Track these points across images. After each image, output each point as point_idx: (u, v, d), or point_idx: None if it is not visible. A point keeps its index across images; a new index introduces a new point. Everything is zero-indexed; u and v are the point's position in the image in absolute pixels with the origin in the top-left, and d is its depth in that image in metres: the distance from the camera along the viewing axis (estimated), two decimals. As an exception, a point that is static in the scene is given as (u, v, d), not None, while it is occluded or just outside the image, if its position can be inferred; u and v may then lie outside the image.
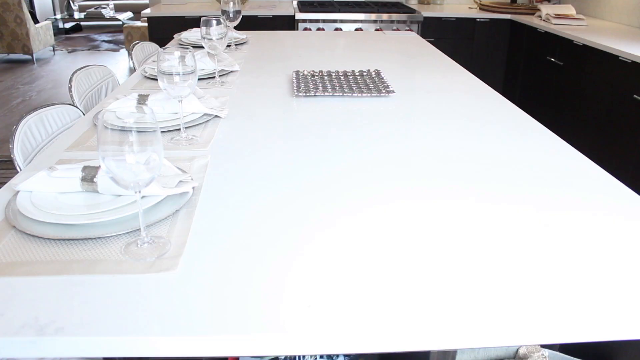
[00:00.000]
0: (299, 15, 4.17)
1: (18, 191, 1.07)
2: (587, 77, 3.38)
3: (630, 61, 2.94)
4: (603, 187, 1.20)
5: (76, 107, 1.88)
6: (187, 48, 1.36)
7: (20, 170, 1.46)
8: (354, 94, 1.84)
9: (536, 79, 4.08)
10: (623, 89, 3.00)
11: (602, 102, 3.22)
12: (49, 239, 0.95)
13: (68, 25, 9.52)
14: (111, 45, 8.44)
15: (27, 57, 7.35)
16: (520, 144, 1.46)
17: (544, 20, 4.06)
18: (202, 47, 1.97)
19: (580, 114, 3.47)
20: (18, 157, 1.52)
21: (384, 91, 1.86)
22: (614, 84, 3.10)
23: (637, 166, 2.90)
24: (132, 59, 2.64)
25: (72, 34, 9.47)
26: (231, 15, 2.41)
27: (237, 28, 2.68)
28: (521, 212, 1.07)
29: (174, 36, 2.93)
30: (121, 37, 8.81)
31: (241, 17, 2.46)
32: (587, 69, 3.39)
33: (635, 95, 2.88)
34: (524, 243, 0.96)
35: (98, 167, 1.09)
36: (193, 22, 4.16)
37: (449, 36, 4.42)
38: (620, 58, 3.02)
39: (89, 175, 1.08)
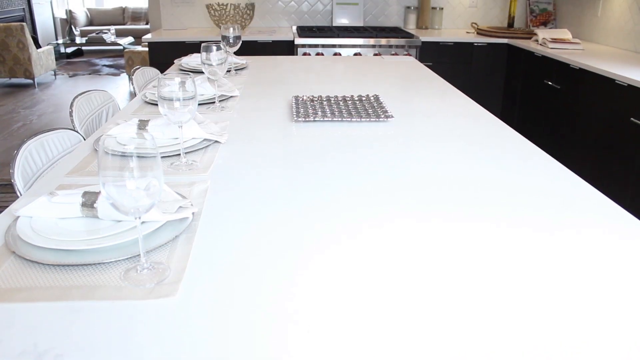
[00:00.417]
0: (298, 41, 4.22)
1: (18, 216, 1.08)
2: (585, 100, 3.41)
3: (626, 84, 2.96)
4: (601, 211, 1.21)
5: (77, 132, 1.89)
6: (188, 73, 1.38)
7: (21, 195, 1.46)
8: (353, 119, 1.85)
9: (534, 102, 4.11)
10: (620, 111, 3.03)
11: (600, 125, 3.24)
12: (48, 264, 0.95)
13: (70, 50, 9.61)
14: (112, 70, 8.50)
15: (29, 81, 7.40)
16: (518, 168, 1.47)
17: (540, 44, 4.10)
18: (203, 73, 1.99)
19: (578, 136, 3.49)
20: (18, 182, 1.53)
21: (382, 116, 1.87)
22: (611, 107, 3.12)
23: (635, 189, 2.91)
24: (132, 84, 2.67)
25: (73, 59, 9.55)
26: (231, 40, 2.44)
27: (237, 53, 2.71)
28: (520, 235, 1.07)
29: (175, 61, 2.96)
30: (122, 61, 8.88)
31: (241, 42, 2.49)
32: (584, 92, 3.42)
33: (632, 118, 2.90)
34: (524, 266, 0.96)
35: (98, 193, 1.09)
36: (193, 47, 4.20)
37: (447, 60, 4.46)
38: (616, 81, 3.05)
39: (89, 201, 1.08)
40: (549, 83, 3.83)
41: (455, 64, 4.48)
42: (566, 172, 1.45)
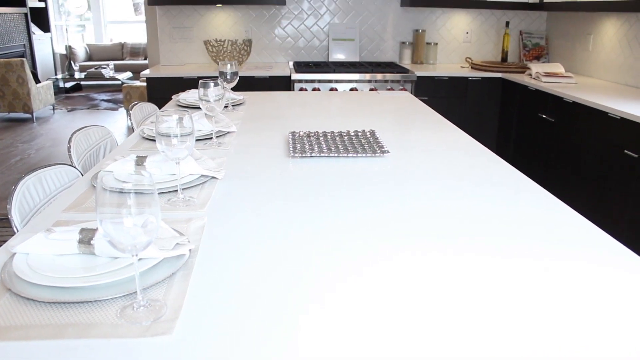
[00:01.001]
0: (295, 76, 4.27)
1: (14, 253, 1.08)
2: (579, 133, 3.44)
3: (619, 117, 3.00)
4: (597, 244, 1.21)
5: (74, 167, 1.90)
6: (185, 109, 1.40)
7: (17, 231, 1.46)
8: (349, 155, 1.87)
9: (529, 135, 4.15)
10: (614, 144, 3.06)
11: (594, 158, 3.27)
12: (44, 302, 0.95)
13: (69, 84, 9.69)
14: (110, 105, 8.57)
15: (27, 115, 7.45)
16: (513, 201, 1.48)
17: (534, 78, 4.16)
18: (200, 108, 2.01)
19: (572, 169, 3.52)
20: (15, 218, 1.53)
21: (378, 151, 1.89)
22: (605, 140, 3.15)
23: (630, 221, 2.92)
24: (130, 119, 2.69)
25: (72, 93, 9.62)
26: (228, 77, 2.47)
27: (234, 89, 2.74)
28: (516, 270, 1.08)
29: (172, 97, 2.99)
30: (120, 96, 8.96)
31: (238, 78, 2.52)
32: (578, 125, 3.45)
33: (626, 151, 2.92)
34: (520, 300, 0.96)
35: (95, 230, 1.09)
36: (191, 82, 4.25)
37: (442, 95, 4.51)
38: (609, 114, 3.09)
39: (86, 238, 1.09)
40: (543, 116, 3.87)
41: (451, 98, 4.53)
42: (561, 205, 1.46)
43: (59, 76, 9.39)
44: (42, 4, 10.15)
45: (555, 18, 4.99)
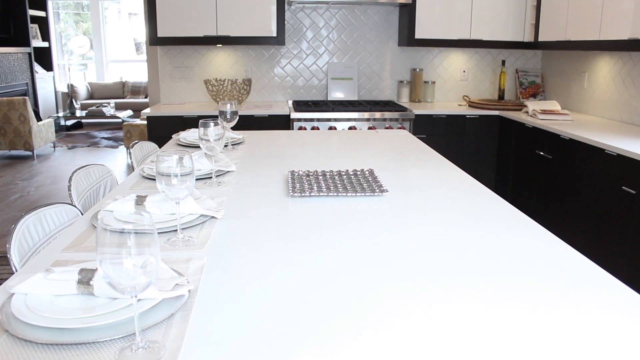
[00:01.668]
0: (294, 115, 4.31)
1: (13, 293, 1.08)
2: (576, 170, 3.46)
3: (616, 154, 3.02)
4: (597, 283, 1.21)
5: (74, 206, 1.90)
6: (185, 148, 1.41)
7: (16, 271, 1.46)
8: (348, 194, 1.88)
9: (527, 172, 4.17)
10: (611, 180, 3.07)
11: (592, 194, 3.28)
12: (42, 343, 0.94)
13: (70, 122, 9.77)
14: (110, 142, 8.62)
15: (28, 153, 7.49)
16: (512, 240, 1.48)
17: (531, 115, 4.20)
18: (200, 147, 2.03)
19: (571, 206, 3.52)
20: (14, 257, 1.53)
21: (377, 190, 1.90)
22: (603, 176, 3.17)
23: (631, 258, 2.91)
24: (130, 157, 2.71)
25: (72, 131, 9.69)
26: (228, 116, 2.49)
27: (234, 128, 2.76)
28: (515, 311, 1.07)
29: (173, 136, 3.01)
30: (120, 134, 9.02)
31: (238, 117, 2.55)
32: (575, 162, 3.48)
33: (624, 187, 2.94)
34: (520, 343, 0.96)
35: (95, 270, 1.09)
36: (191, 121, 4.29)
37: (440, 132, 4.55)
38: (606, 151, 3.11)
39: (86, 278, 1.09)
40: (541, 153, 3.90)
41: (449, 135, 4.57)
42: (560, 243, 1.46)
43: (61, 114, 9.48)
44: (45, 44, 10.32)
45: (550, 56, 5.07)
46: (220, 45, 4.77)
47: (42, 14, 10.18)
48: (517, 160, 4.34)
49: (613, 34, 3.51)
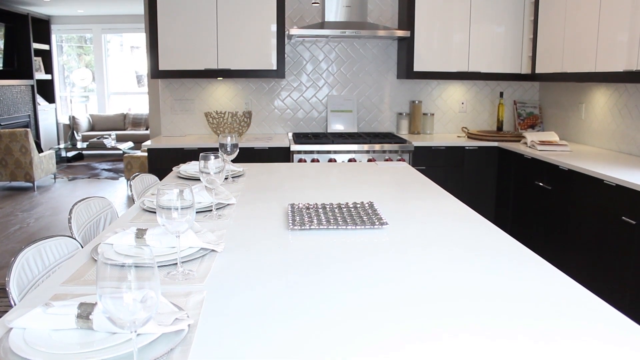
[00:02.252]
0: (294, 147, 4.34)
1: (11, 328, 1.07)
2: (576, 201, 3.47)
3: (615, 184, 3.03)
4: (598, 316, 1.21)
5: (74, 239, 1.90)
6: (186, 181, 1.42)
7: (15, 304, 1.45)
8: (348, 227, 1.88)
9: (527, 203, 4.18)
10: (611, 211, 3.08)
11: (592, 225, 3.28)
12: (40, 380, 0.94)
13: (70, 154, 9.81)
14: (111, 174, 8.64)
15: (29, 184, 7.50)
16: (513, 273, 1.48)
17: (529, 146, 4.23)
18: (200, 180, 2.04)
19: (571, 237, 3.52)
20: (13, 291, 1.52)
21: (377, 223, 1.90)
22: (602, 207, 3.17)
23: (632, 289, 2.90)
24: (131, 190, 2.72)
25: (73, 162, 9.73)
26: (229, 149, 2.51)
27: (234, 160, 2.78)
28: (518, 345, 1.07)
29: (173, 169, 3.03)
30: (121, 165, 9.05)
31: (238, 150, 2.56)
32: (574, 193, 3.49)
33: (623, 217, 2.94)
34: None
35: (94, 304, 1.09)
36: (192, 153, 4.31)
37: (439, 164, 4.57)
38: (605, 182, 3.12)
39: (85, 312, 1.08)
40: (540, 184, 3.91)
41: (448, 167, 4.59)
42: (561, 276, 1.46)
43: (62, 146, 9.53)
44: (48, 77, 10.44)
45: (547, 88, 5.13)
46: (221, 78, 4.82)
47: (45, 47, 10.33)
48: (517, 191, 4.35)
49: (608, 66, 3.56)
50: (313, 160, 4.31)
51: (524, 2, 4.77)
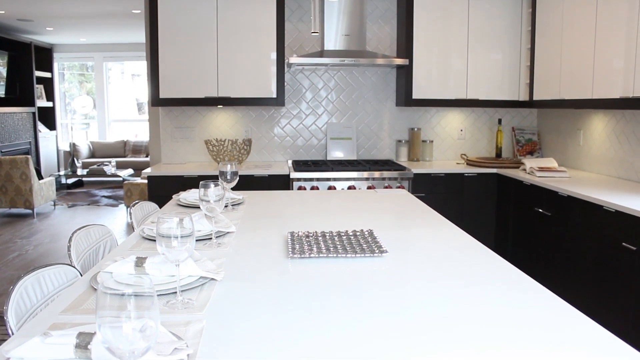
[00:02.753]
0: (294, 174, 4.35)
1: (9, 358, 1.07)
2: (576, 227, 3.47)
3: (614, 210, 3.03)
4: (602, 345, 1.20)
5: (74, 267, 1.90)
6: (186, 209, 1.43)
7: (12, 334, 1.44)
8: (348, 255, 1.88)
9: (526, 229, 4.18)
10: (611, 237, 3.07)
11: (593, 252, 3.27)
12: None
13: (70, 180, 9.84)
14: (110, 201, 8.65)
15: (28, 211, 7.50)
16: (514, 302, 1.48)
17: (528, 173, 4.24)
18: (200, 208, 2.04)
19: (572, 263, 3.51)
20: (11, 319, 1.52)
21: (377, 251, 1.90)
22: (602, 233, 3.17)
23: (635, 316, 2.88)
24: (131, 218, 2.72)
25: (73, 189, 9.75)
26: (229, 177, 2.52)
27: (234, 187, 2.79)
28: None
29: (173, 196, 3.03)
30: (121, 192, 9.06)
31: (238, 178, 2.57)
32: (574, 219, 3.49)
33: (624, 243, 2.94)
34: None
35: (93, 334, 1.09)
36: (192, 181, 4.32)
37: (439, 191, 4.58)
38: (604, 208, 3.13)
39: (84, 342, 1.08)
40: (540, 210, 3.91)
41: (448, 194, 4.59)
42: (563, 304, 1.45)
43: (62, 172, 9.57)
44: (49, 104, 10.52)
45: (545, 114, 5.16)
46: (221, 106, 4.86)
47: (47, 74, 10.43)
48: (517, 218, 4.35)
49: (605, 93, 3.60)
50: (313, 188, 4.32)
51: (521, 30, 4.84)
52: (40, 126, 10.16)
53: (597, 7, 3.68)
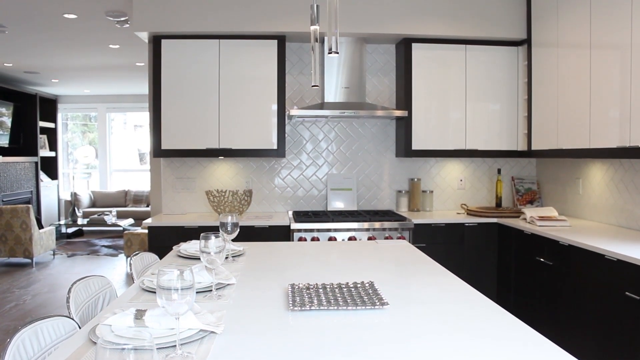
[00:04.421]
0: (294, 225, 4.35)
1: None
2: (578, 276, 3.45)
3: (616, 259, 3.02)
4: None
5: (72, 319, 1.89)
6: (186, 260, 1.43)
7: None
8: (348, 307, 1.87)
9: (528, 279, 4.15)
10: (614, 286, 3.05)
11: (596, 301, 3.24)
12: None
13: (71, 230, 9.83)
14: (110, 251, 8.62)
15: (27, 260, 7.47)
16: (518, 357, 1.46)
17: (529, 222, 4.24)
18: (200, 259, 2.04)
19: (575, 312, 3.47)
20: (8, 374, 1.50)
21: (378, 303, 1.89)
22: (605, 282, 3.15)
23: (641, 371, 2.83)
24: (131, 268, 2.71)
25: (73, 239, 9.72)
26: (229, 228, 2.52)
27: (234, 239, 2.79)
28: None
29: (173, 247, 3.03)
30: (121, 242, 9.04)
31: (239, 229, 2.57)
32: (576, 268, 3.47)
33: (627, 293, 2.91)
34: None
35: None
36: (192, 231, 4.32)
37: (440, 241, 4.57)
38: (606, 257, 3.11)
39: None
40: (541, 260, 3.89)
41: (448, 244, 4.58)
42: (566, 356, 1.44)
43: (62, 222, 9.56)
44: (52, 154, 10.62)
45: (544, 164, 5.20)
46: (222, 157, 4.90)
47: (51, 125, 10.58)
48: (518, 267, 4.32)
49: (602, 142, 3.64)
50: (313, 239, 4.31)
51: (518, 81, 4.93)
52: (42, 175, 10.23)
53: (590, 59, 3.76)
